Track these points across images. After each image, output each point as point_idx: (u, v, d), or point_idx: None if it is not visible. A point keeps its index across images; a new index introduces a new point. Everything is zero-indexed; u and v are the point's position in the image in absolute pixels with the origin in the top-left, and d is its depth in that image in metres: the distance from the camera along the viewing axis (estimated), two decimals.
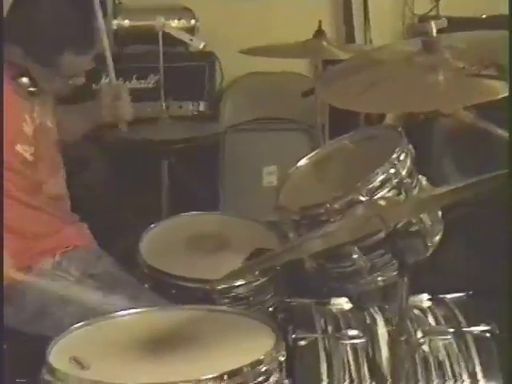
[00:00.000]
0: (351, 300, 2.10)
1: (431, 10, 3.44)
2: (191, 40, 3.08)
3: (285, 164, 3.43)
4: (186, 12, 3.25)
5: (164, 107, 2.65)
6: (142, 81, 3.15)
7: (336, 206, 2.04)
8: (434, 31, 1.53)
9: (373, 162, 2.18)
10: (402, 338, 1.59)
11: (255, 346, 1.69)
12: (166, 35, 2.84)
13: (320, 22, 2.51)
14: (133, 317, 1.87)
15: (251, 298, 2.20)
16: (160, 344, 1.73)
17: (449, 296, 2.07)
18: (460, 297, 2.08)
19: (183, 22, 3.21)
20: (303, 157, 2.35)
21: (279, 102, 3.34)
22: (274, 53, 2.54)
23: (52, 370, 1.62)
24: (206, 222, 2.45)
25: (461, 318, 1.95)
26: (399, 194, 2.08)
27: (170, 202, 2.70)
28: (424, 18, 3.41)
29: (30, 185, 2.18)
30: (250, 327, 1.79)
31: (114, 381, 1.58)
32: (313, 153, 2.37)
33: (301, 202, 2.22)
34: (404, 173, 2.08)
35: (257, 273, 2.21)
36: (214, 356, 1.68)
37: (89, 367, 1.62)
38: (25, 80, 2.17)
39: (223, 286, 2.16)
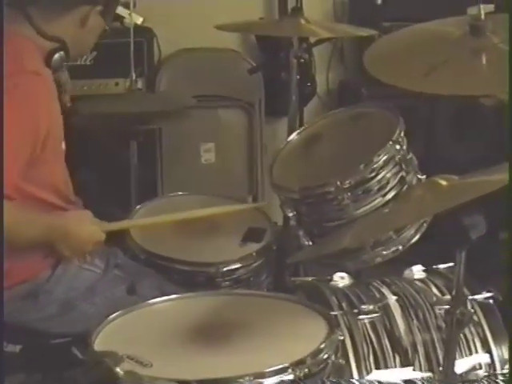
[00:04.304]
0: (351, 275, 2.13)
1: None
2: (129, 15, 2.96)
3: (222, 141, 3.42)
4: None
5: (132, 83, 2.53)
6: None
7: (346, 184, 2.09)
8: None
9: (369, 139, 2.22)
10: (458, 311, 1.64)
11: (310, 330, 1.67)
12: None
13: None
14: (168, 304, 1.79)
15: (251, 279, 2.19)
16: (210, 333, 1.67)
17: (441, 266, 2.13)
18: (453, 266, 2.15)
19: None
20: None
21: (214, 79, 3.29)
22: (249, 29, 2.48)
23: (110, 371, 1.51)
24: (192, 203, 2.38)
25: None
26: (401, 169, 2.15)
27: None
28: None
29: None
30: (294, 311, 1.77)
31: (179, 377, 1.51)
32: (302, 128, 2.36)
33: (296, 181, 2.23)
34: (405, 148, 2.14)
35: (254, 254, 2.20)
36: (271, 345, 1.63)
37: (151, 365, 1.54)
38: (57, 56, 1.81)
39: (226, 269, 2.14)
